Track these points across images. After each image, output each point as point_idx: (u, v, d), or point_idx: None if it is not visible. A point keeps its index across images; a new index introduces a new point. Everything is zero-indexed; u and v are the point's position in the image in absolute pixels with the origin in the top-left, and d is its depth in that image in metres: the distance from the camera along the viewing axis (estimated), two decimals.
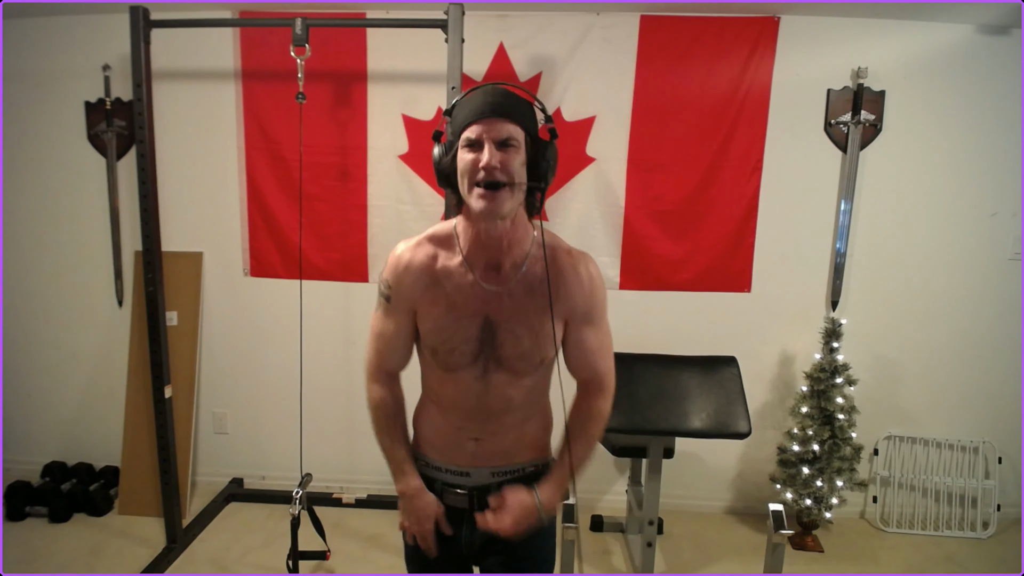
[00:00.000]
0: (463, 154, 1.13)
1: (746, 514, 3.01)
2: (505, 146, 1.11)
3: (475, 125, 1.11)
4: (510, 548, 1.28)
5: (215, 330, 3.03)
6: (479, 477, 1.30)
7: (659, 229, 2.83)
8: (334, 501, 2.92)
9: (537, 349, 1.22)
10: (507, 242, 1.19)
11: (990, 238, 2.80)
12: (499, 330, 1.21)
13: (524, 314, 1.20)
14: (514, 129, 1.11)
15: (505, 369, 1.23)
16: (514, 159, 1.11)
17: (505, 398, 1.25)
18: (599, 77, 2.73)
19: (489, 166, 1.09)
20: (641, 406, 2.24)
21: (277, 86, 2.77)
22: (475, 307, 1.21)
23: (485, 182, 1.10)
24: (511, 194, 1.12)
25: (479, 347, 1.22)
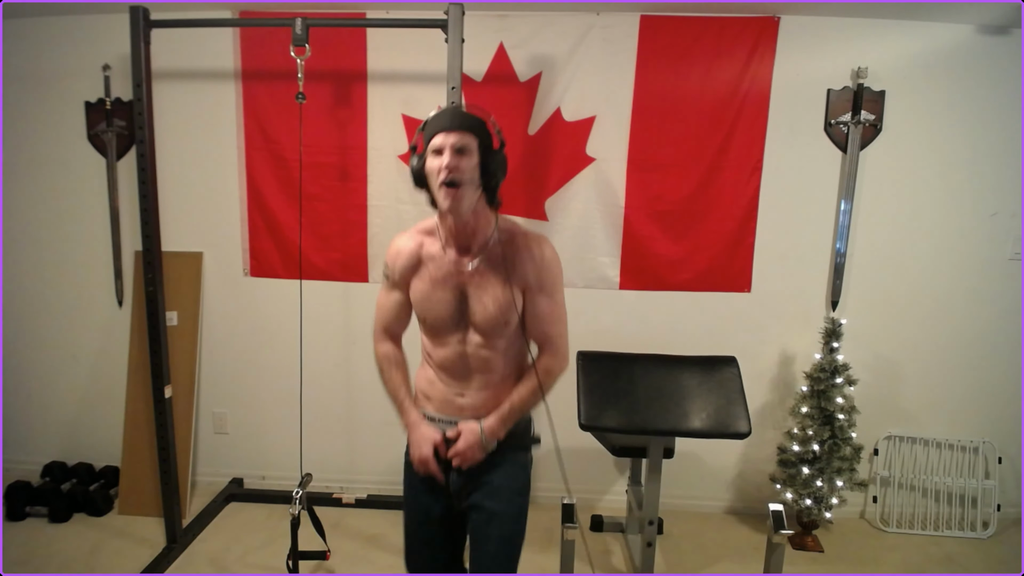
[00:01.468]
0: (430, 160, 1.43)
1: (746, 514, 3.01)
2: (461, 152, 1.40)
3: (438, 136, 1.41)
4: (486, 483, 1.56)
5: (215, 330, 3.03)
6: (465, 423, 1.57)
7: (659, 229, 2.83)
8: (334, 501, 2.92)
9: (500, 314, 1.50)
10: (471, 229, 1.50)
11: (990, 238, 2.80)
12: (471, 299, 1.51)
13: (489, 285, 1.50)
14: (468, 139, 1.41)
15: (479, 332, 1.52)
16: (467, 162, 1.41)
17: (482, 358, 1.54)
18: (599, 77, 2.73)
19: (448, 167, 1.39)
20: (641, 406, 2.24)
21: (277, 86, 2.77)
22: (451, 281, 1.52)
23: (447, 180, 1.39)
24: (467, 191, 1.42)
25: (457, 314, 1.53)
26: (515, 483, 1.60)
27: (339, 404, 3.05)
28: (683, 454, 2.68)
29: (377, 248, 2.90)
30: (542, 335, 1.56)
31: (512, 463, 1.59)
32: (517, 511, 1.60)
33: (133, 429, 2.91)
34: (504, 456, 1.58)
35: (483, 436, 1.54)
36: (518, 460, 1.61)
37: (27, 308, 3.08)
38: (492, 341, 1.53)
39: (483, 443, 1.54)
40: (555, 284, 1.54)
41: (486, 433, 1.54)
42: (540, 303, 1.53)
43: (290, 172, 2.83)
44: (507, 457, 1.58)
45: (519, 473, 1.61)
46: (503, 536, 1.57)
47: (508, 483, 1.58)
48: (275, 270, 2.96)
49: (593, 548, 2.71)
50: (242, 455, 3.14)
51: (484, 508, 1.56)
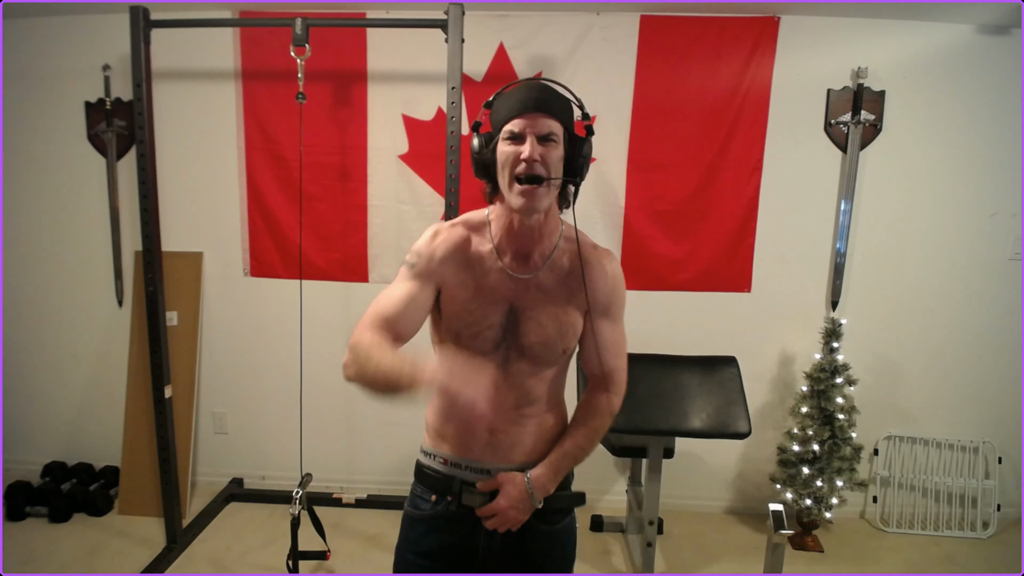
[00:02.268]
0: (504, 147, 1.15)
1: (746, 514, 3.01)
2: (546, 141, 1.14)
3: (518, 119, 1.13)
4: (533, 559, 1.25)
5: (215, 330, 3.03)
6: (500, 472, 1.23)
7: (659, 229, 2.83)
8: (334, 501, 2.92)
9: (561, 338, 1.23)
10: (539, 233, 1.22)
11: (990, 238, 2.80)
12: (523, 318, 1.21)
13: (550, 302, 1.22)
14: (555, 125, 1.14)
15: (527, 358, 1.22)
16: (553, 154, 1.14)
17: (524, 388, 1.23)
18: (599, 77, 2.73)
19: (531, 159, 1.12)
20: (641, 406, 2.24)
21: (277, 86, 2.77)
22: (502, 294, 1.22)
23: (526, 175, 1.13)
24: (548, 189, 1.15)
25: (502, 334, 1.22)
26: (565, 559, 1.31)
27: (339, 404, 3.05)
28: (683, 454, 2.68)
29: (377, 248, 2.90)
30: (604, 367, 1.27)
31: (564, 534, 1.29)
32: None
33: (133, 429, 2.91)
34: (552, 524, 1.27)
35: (530, 491, 1.20)
36: (568, 528, 1.29)
37: (27, 308, 3.08)
38: (540, 369, 1.24)
39: (531, 500, 1.21)
40: (621, 310, 1.29)
41: (534, 486, 1.20)
42: (605, 329, 1.26)
43: (290, 172, 2.83)
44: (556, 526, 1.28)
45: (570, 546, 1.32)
46: None
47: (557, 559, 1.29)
48: (275, 270, 2.96)
49: (593, 548, 2.71)
50: (242, 455, 3.14)
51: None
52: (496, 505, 1.19)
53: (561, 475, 1.24)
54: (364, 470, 3.10)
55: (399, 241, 2.87)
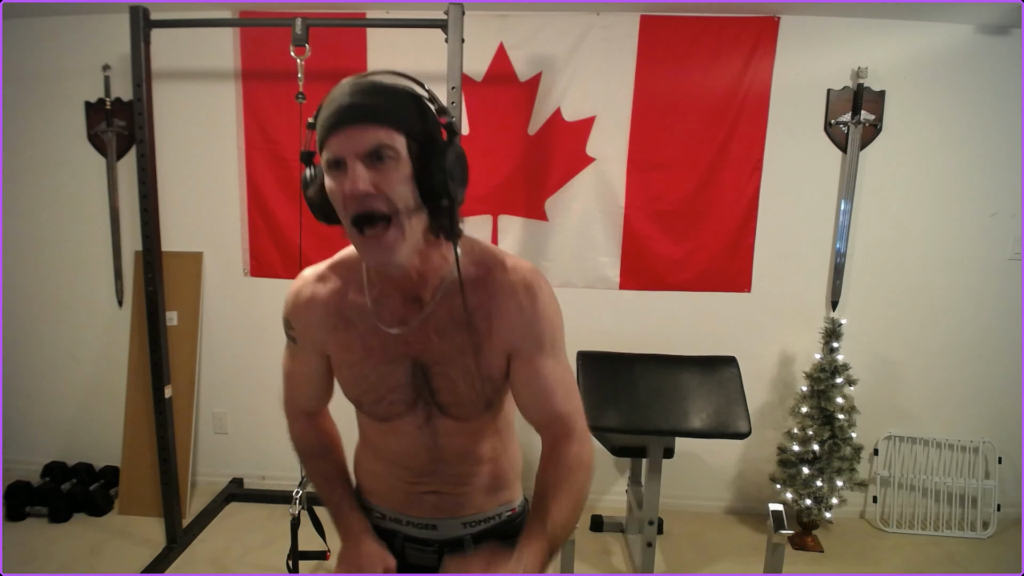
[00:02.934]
0: (328, 181, 0.87)
1: (746, 514, 3.01)
2: (376, 159, 0.84)
3: (333, 138, 0.84)
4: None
5: (215, 330, 3.03)
6: (448, 529, 1.09)
7: (659, 229, 2.83)
8: None
9: (476, 394, 0.98)
10: (416, 273, 0.95)
11: (990, 238, 2.80)
12: (432, 373, 0.98)
13: (456, 352, 0.97)
14: (386, 134, 0.84)
15: (449, 416, 1.01)
16: (392, 175, 0.84)
17: (458, 447, 1.04)
18: (599, 77, 2.73)
19: (353, 193, 0.83)
20: (641, 406, 2.24)
21: (277, 86, 2.77)
22: (397, 349, 0.98)
23: (356, 216, 0.84)
24: (401, 229, 0.86)
25: (414, 392, 1.00)
26: None
27: (339, 404, 3.04)
28: (683, 454, 2.68)
29: None
30: (551, 414, 1.00)
31: None
32: None
33: (133, 429, 2.91)
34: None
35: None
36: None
37: (27, 308, 3.08)
38: (471, 424, 1.04)
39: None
40: (558, 338, 1.01)
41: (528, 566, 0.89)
42: (540, 368, 0.98)
43: (290, 172, 2.83)
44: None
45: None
46: None
47: None
48: (275, 270, 2.96)
49: (593, 548, 2.71)
50: (242, 455, 3.13)
51: None
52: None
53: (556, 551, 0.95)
54: None
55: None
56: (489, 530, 1.11)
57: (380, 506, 1.12)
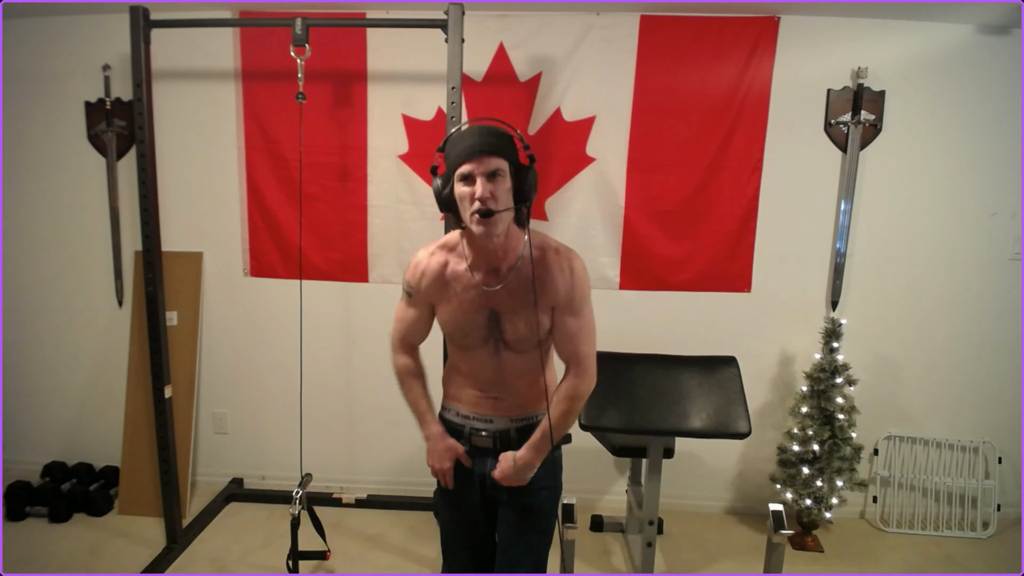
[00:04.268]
0: (459, 187, 1.37)
1: (746, 514, 3.01)
2: (494, 177, 1.35)
3: (467, 164, 1.35)
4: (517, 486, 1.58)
5: (215, 330, 3.03)
6: (500, 423, 1.59)
7: (659, 229, 2.83)
8: (334, 501, 2.92)
9: (532, 334, 1.49)
10: (502, 251, 1.45)
11: (990, 238, 2.80)
12: (503, 319, 1.49)
13: (519, 306, 1.47)
14: (500, 163, 1.36)
15: (511, 349, 1.51)
16: (501, 188, 1.36)
17: (514, 369, 1.54)
18: (599, 77, 2.73)
19: (482, 198, 1.34)
20: (641, 406, 2.24)
21: (277, 86, 2.77)
22: (481, 303, 1.48)
23: (480, 212, 1.34)
24: (501, 217, 1.37)
25: (488, 332, 1.51)
26: (552, 481, 1.63)
27: (339, 404, 3.05)
28: (683, 454, 2.68)
29: (377, 248, 2.90)
30: (570, 354, 1.53)
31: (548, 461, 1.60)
32: (550, 508, 1.64)
33: (133, 429, 2.91)
34: None
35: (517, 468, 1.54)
36: (552, 458, 1.62)
37: (27, 308, 3.08)
38: (525, 355, 1.53)
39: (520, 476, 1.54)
40: (583, 302, 1.51)
41: (519, 465, 1.54)
42: (568, 322, 1.50)
43: (290, 172, 2.83)
44: None
45: (553, 471, 1.64)
46: (541, 529, 1.63)
47: (546, 482, 1.60)
48: (275, 270, 2.96)
49: (593, 548, 2.71)
50: (242, 455, 3.14)
51: (520, 502, 1.59)
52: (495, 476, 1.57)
53: (543, 453, 1.54)
54: (364, 470, 3.10)
55: (399, 241, 2.87)
56: (527, 426, 1.58)
57: (458, 407, 1.63)
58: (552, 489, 1.64)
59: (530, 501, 1.59)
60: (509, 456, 1.55)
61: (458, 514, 1.68)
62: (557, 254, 1.49)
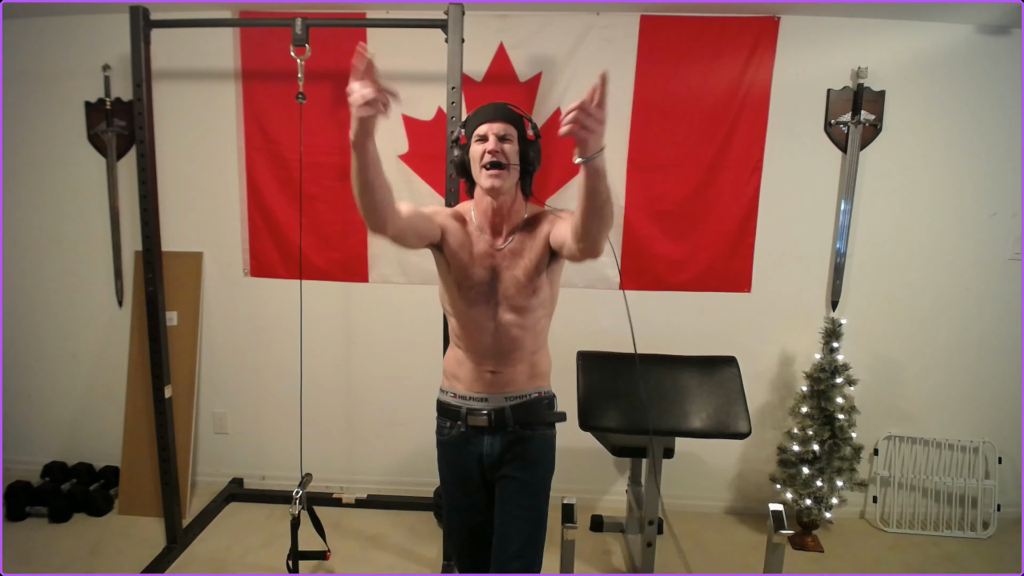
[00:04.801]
0: (475, 146, 1.57)
1: (746, 514, 3.01)
2: (504, 139, 1.55)
3: (484, 124, 1.56)
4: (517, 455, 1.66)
5: (215, 330, 3.03)
6: (495, 402, 1.66)
7: (659, 229, 2.83)
8: (334, 501, 2.92)
9: (529, 280, 1.60)
10: (505, 212, 1.61)
11: (990, 238, 2.80)
12: (503, 275, 1.61)
13: (519, 259, 1.60)
14: (510, 129, 1.56)
15: (510, 306, 1.61)
16: (509, 148, 1.56)
17: (512, 337, 1.62)
18: None
19: (493, 150, 1.53)
20: (641, 406, 2.24)
21: (277, 86, 2.77)
22: (486, 260, 1.62)
23: (490, 163, 1.53)
24: (508, 172, 1.55)
25: (488, 289, 1.61)
26: (542, 457, 1.70)
27: (339, 404, 3.05)
28: (683, 454, 2.68)
29: (377, 248, 2.90)
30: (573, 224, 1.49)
31: (541, 439, 1.70)
32: (542, 484, 1.70)
33: (133, 429, 2.91)
34: (534, 431, 1.68)
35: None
36: (546, 436, 1.71)
37: (27, 308, 3.08)
38: (522, 317, 1.62)
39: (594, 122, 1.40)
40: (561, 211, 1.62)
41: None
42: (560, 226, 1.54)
43: (290, 172, 2.83)
44: (536, 433, 1.69)
45: (546, 449, 1.72)
46: (531, 504, 1.67)
47: (536, 457, 1.69)
48: (275, 270, 2.96)
49: (593, 548, 2.71)
50: (242, 455, 3.14)
51: (515, 478, 1.66)
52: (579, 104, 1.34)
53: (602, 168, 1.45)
54: (364, 470, 3.10)
55: None
56: (522, 403, 1.67)
57: (456, 388, 1.70)
58: (545, 467, 1.71)
59: (524, 475, 1.66)
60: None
61: (458, 494, 1.74)
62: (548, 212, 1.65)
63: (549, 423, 1.72)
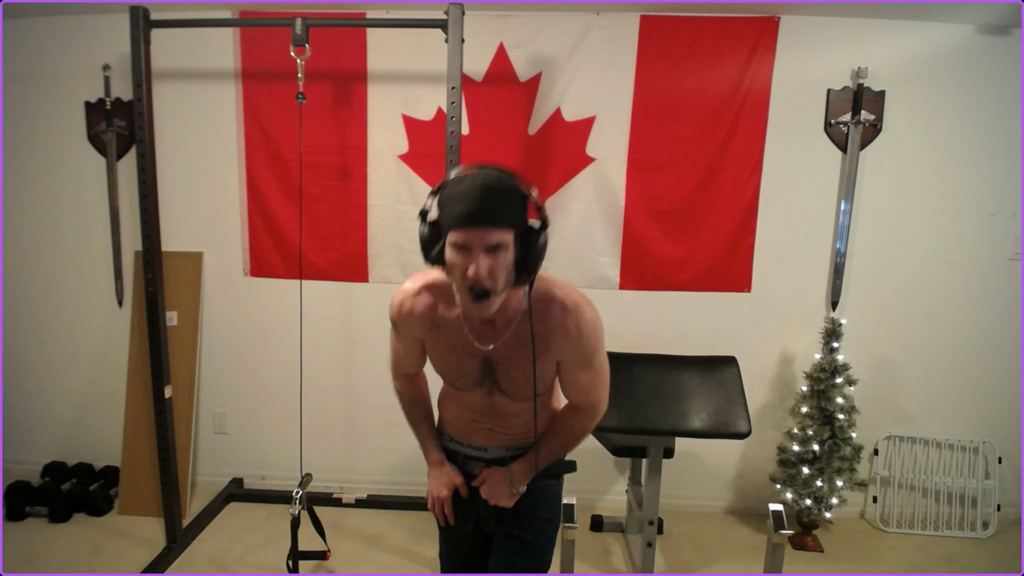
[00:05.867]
0: (451, 253, 1.17)
1: (746, 514, 3.01)
2: (495, 250, 1.13)
3: (464, 231, 1.12)
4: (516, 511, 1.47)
5: (215, 330, 3.03)
6: (495, 452, 1.48)
7: (659, 229, 2.83)
8: (334, 501, 2.92)
9: (528, 388, 1.34)
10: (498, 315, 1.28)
11: (990, 238, 2.80)
12: (497, 368, 1.35)
13: (516, 360, 1.31)
14: (503, 235, 1.14)
15: (506, 394, 1.38)
16: (501, 262, 1.15)
17: (510, 411, 1.42)
18: (599, 77, 2.72)
19: (478, 278, 1.13)
20: (641, 406, 2.24)
21: (277, 86, 2.77)
22: (474, 350, 1.33)
23: (475, 292, 1.15)
24: (499, 297, 1.19)
25: (482, 376, 1.38)
26: (546, 512, 1.52)
27: (339, 404, 3.05)
28: (683, 454, 2.68)
29: (377, 248, 2.90)
30: (582, 401, 1.42)
31: (543, 492, 1.50)
32: (546, 542, 1.53)
33: (133, 429, 2.91)
34: (535, 483, 1.47)
35: (511, 481, 1.43)
36: (550, 489, 1.52)
37: (27, 308, 3.08)
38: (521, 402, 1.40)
39: (511, 491, 1.44)
40: (595, 353, 1.35)
41: (514, 478, 1.44)
42: (580, 376, 1.36)
43: (290, 172, 2.83)
44: (538, 485, 1.48)
45: (551, 502, 1.53)
46: (532, 566, 1.48)
47: (538, 513, 1.50)
48: (275, 270, 2.96)
49: (593, 548, 2.71)
50: (242, 455, 3.14)
51: (513, 537, 1.48)
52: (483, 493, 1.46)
53: (536, 471, 1.44)
54: (364, 470, 3.10)
55: (399, 241, 2.87)
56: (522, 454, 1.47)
57: (452, 433, 1.53)
58: (550, 522, 1.52)
59: (526, 535, 1.48)
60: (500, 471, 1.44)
61: (453, 545, 1.59)
62: (563, 311, 1.28)
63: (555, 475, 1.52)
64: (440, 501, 1.50)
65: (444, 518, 1.53)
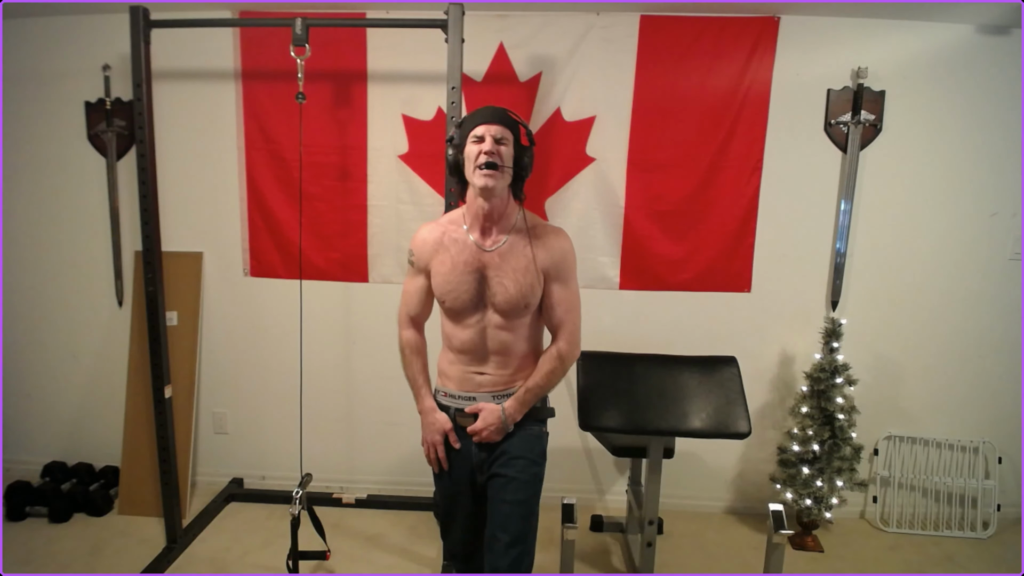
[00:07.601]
0: (471, 147, 1.60)
1: (746, 514, 3.01)
2: (500, 142, 1.59)
3: (481, 126, 1.60)
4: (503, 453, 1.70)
5: (215, 330, 3.03)
6: (483, 400, 1.71)
7: (659, 229, 2.83)
8: (334, 501, 2.93)
9: (521, 295, 1.63)
10: (497, 214, 1.64)
11: (990, 238, 2.80)
12: (491, 281, 1.64)
13: (509, 267, 1.63)
14: (506, 132, 1.61)
15: (499, 313, 1.65)
16: (505, 150, 1.60)
17: (500, 340, 1.67)
18: (599, 77, 2.73)
19: (489, 151, 1.57)
20: (641, 406, 2.24)
21: (277, 86, 2.77)
22: (472, 265, 1.64)
23: (485, 163, 1.56)
24: (502, 174, 1.59)
25: (476, 296, 1.65)
26: (530, 453, 1.71)
27: (339, 404, 3.05)
28: (683, 454, 2.68)
29: (377, 248, 2.90)
30: (556, 321, 1.69)
31: (527, 435, 1.72)
32: (531, 478, 1.71)
33: (133, 429, 2.91)
34: (520, 428, 1.71)
35: (504, 418, 1.67)
36: (533, 431, 1.74)
37: (27, 308, 3.08)
38: (511, 323, 1.66)
39: (503, 425, 1.68)
40: (570, 273, 1.68)
41: (507, 415, 1.68)
42: (555, 290, 1.67)
43: (290, 172, 2.83)
44: (523, 429, 1.72)
45: (534, 444, 1.74)
46: (517, 499, 1.67)
47: (524, 453, 1.70)
48: (275, 270, 2.96)
49: (593, 548, 2.71)
50: (242, 455, 3.14)
51: (501, 475, 1.68)
52: (477, 427, 1.69)
53: (527, 407, 1.70)
54: (364, 470, 3.10)
55: (399, 241, 2.88)
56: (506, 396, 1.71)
57: (447, 387, 1.75)
58: (534, 463, 1.71)
59: (510, 471, 1.68)
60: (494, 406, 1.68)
61: (450, 494, 1.79)
62: (552, 232, 1.69)
63: (538, 420, 1.76)
64: (434, 446, 1.74)
65: (438, 464, 1.75)
